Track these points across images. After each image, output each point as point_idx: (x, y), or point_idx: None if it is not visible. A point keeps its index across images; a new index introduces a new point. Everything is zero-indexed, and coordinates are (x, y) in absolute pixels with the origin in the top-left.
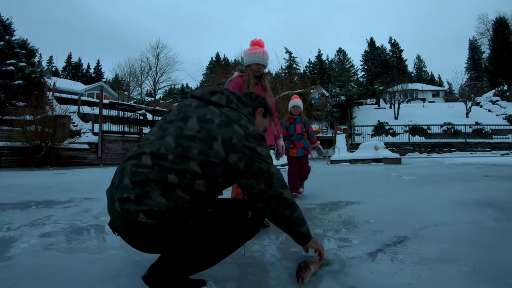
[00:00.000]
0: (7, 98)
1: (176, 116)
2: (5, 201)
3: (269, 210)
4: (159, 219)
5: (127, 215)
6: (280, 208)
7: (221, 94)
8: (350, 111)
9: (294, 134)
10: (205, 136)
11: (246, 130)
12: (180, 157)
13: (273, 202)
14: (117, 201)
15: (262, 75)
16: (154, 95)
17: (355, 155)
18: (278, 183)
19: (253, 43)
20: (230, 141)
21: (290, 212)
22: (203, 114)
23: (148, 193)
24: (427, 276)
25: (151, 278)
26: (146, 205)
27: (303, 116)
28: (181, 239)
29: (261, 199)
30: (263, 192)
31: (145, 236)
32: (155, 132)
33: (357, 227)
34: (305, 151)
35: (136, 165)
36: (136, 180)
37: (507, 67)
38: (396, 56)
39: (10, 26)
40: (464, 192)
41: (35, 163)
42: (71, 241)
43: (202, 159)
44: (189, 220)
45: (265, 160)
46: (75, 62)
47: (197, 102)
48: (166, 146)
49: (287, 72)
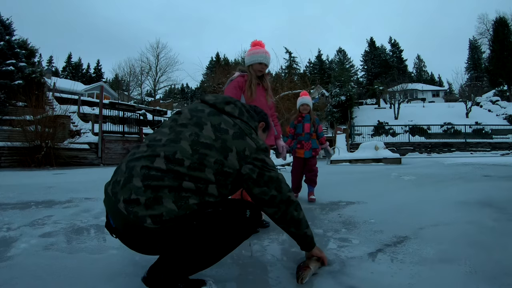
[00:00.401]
0: (7, 98)
1: (190, 121)
2: (5, 201)
3: (280, 214)
4: (165, 225)
5: (134, 218)
6: (290, 210)
7: (234, 106)
8: (350, 111)
9: (302, 133)
10: (222, 146)
11: (257, 143)
12: (197, 164)
13: (284, 205)
14: (122, 201)
15: (263, 75)
16: (154, 95)
17: (355, 155)
18: (286, 188)
19: (254, 44)
20: (244, 152)
21: (297, 213)
22: (217, 123)
23: (160, 198)
24: (427, 276)
25: (150, 279)
26: (156, 210)
27: (312, 115)
28: (181, 240)
29: (273, 204)
30: (274, 198)
31: (147, 239)
32: (167, 133)
33: (357, 227)
34: (313, 152)
35: (147, 167)
36: (150, 184)
37: (507, 67)
38: (396, 56)
39: (10, 26)
40: (464, 192)
41: (35, 163)
42: (71, 241)
43: (217, 168)
44: (192, 221)
45: (272, 169)
46: (75, 62)
47: (210, 109)
48: (182, 151)
49: (287, 72)
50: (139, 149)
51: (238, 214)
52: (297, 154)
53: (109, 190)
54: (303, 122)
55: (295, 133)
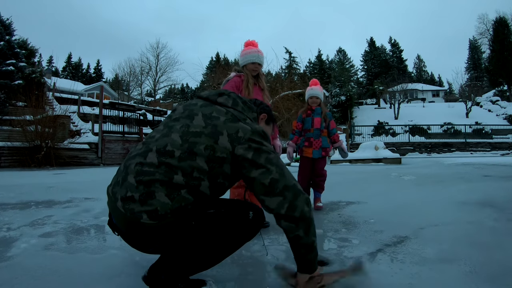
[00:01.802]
0: (7, 98)
1: (182, 114)
2: (5, 201)
3: (287, 206)
4: (162, 221)
5: (130, 215)
6: (299, 202)
7: (228, 96)
8: (350, 111)
9: (310, 129)
10: (212, 131)
11: (252, 126)
12: (187, 153)
13: (290, 193)
14: (119, 200)
15: (259, 75)
16: (154, 95)
17: (355, 155)
18: (290, 174)
19: (246, 44)
20: (237, 134)
21: (309, 209)
22: (209, 112)
23: (153, 193)
24: (427, 276)
25: (151, 278)
26: (150, 205)
27: (323, 108)
28: (182, 240)
29: (275, 190)
30: (276, 182)
31: (147, 237)
32: (161, 130)
33: (357, 227)
34: (323, 152)
35: (141, 163)
36: (142, 179)
37: (507, 67)
38: (396, 56)
39: (10, 26)
40: (464, 192)
41: (35, 163)
42: (71, 241)
43: (208, 154)
44: (191, 221)
45: (272, 152)
46: (75, 62)
47: (203, 102)
48: (172, 143)
49: (287, 72)
50: (136, 147)
51: (241, 215)
52: (305, 154)
53: (110, 190)
54: (312, 116)
55: (302, 128)
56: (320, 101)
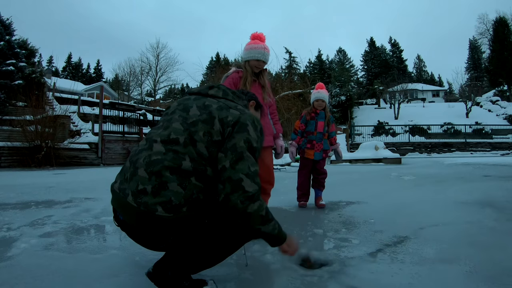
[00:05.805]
0: (7, 98)
1: (178, 107)
2: (5, 201)
3: (223, 196)
4: (177, 214)
5: (144, 209)
6: (234, 198)
7: (218, 89)
8: (350, 111)
9: (313, 132)
10: (206, 118)
11: (241, 111)
12: (189, 140)
13: (229, 186)
14: (130, 195)
15: (261, 71)
16: (154, 95)
17: (355, 155)
18: (245, 170)
19: (253, 37)
20: (227, 118)
21: (253, 206)
22: (202, 103)
23: (166, 183)
24: (427, 276)
25: (156, 274)
26: (164, 196)
27: (327, 112)
28: (194, 237)
29: (220, 178)
30: (224, 170)
31: (160, 231)
32: (160, 125)
33: (357, 227)
34: (324, 154)
35: (149, 155)
36: (152, 170)
37: (507, 67)
38: (396, 56)
39: (10, 26)
40: (464, 192)
41: (35, 163)
42: (71, 241)
43: (207, 139)
44: (204, 219)
45: (248, 141)
46: (75, 62)
47: (195, 96)
48: (175, 131)
49: (287, 72)
50: (140, 144)
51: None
52: (306, 155)
53: (116, 187)
54: (316, 119)
55: (305, 130)
56: (325, 105)
